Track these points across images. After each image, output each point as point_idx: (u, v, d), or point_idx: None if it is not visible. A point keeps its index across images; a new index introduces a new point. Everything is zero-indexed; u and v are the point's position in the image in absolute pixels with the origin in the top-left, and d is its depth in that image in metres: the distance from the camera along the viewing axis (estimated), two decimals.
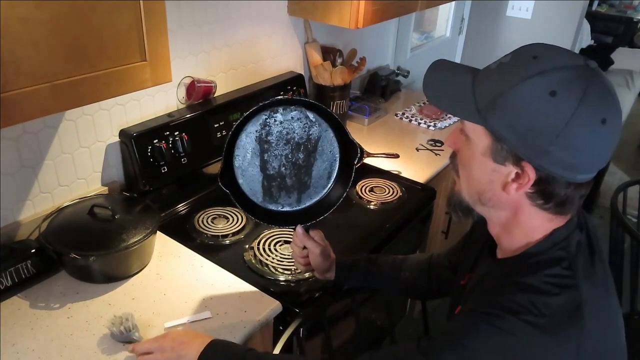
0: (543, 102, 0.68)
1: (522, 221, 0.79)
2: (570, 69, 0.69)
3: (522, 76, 0.70)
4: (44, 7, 0.83)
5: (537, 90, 0.69)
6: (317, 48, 1.97)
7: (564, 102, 0.68)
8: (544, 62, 0.70)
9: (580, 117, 0.67)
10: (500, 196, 0.78)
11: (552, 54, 0.72)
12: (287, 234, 1.42)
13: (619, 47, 5.04)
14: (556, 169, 0.71)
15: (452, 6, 3.17)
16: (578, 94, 0.67)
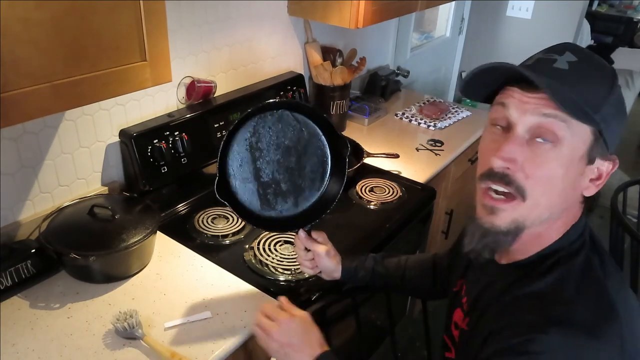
0: (621, 99, 0.74)
1: (563, 221, 0.77)
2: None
3: (607, 76, 0.73)
4: (44, 7, 0.83)
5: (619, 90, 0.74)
6: (317, 48, 1.97)
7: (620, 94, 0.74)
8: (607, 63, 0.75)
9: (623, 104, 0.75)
10: (574, 203, 0.77)
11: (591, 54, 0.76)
12: (287, 234, 1.42)
13: (619, 47, 5.04)
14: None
15: (452, 6, 3.17)
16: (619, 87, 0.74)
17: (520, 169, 0.72)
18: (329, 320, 1.22)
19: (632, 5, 5.83)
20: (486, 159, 0.76)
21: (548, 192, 0.73)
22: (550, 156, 0.71)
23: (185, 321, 1.12)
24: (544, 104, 0.70)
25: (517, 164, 0.72)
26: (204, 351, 1.06)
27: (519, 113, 0.72)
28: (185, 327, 1.11)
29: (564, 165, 0.72)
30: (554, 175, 0.72)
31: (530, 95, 0.71)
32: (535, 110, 0.71)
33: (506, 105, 0.74)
